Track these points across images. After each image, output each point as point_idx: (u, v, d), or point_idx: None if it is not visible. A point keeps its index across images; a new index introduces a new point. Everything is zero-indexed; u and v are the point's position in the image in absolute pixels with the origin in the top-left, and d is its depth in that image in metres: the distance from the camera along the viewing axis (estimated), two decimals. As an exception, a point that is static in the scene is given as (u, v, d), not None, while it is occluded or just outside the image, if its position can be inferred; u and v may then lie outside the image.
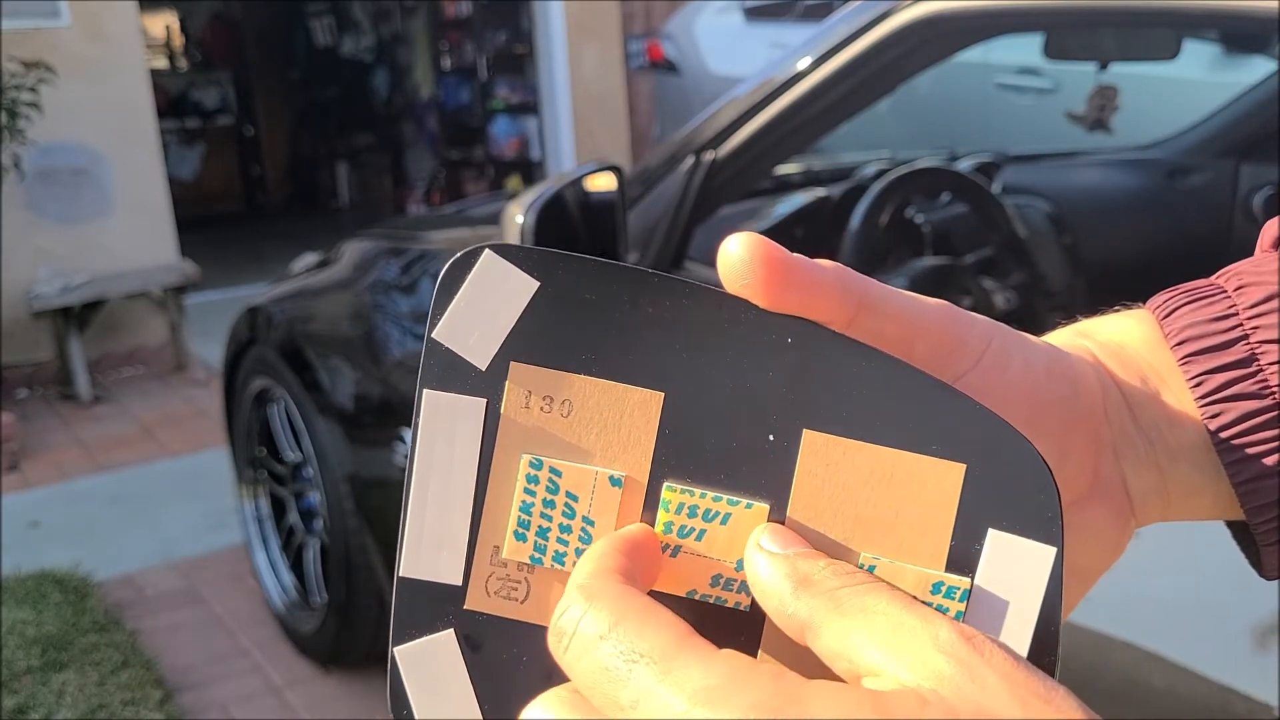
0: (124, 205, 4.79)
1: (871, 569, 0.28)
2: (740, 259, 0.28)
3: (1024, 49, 3.95)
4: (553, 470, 0.29)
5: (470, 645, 0.29)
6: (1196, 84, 3.48)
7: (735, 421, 0.29)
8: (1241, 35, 3.37)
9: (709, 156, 1.64)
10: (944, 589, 0.28)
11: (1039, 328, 0.35)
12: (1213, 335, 0.35)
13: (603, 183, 1.59)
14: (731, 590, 0.29)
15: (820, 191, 2.08)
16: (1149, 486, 0.36)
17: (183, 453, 3.90)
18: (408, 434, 1.91)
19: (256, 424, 2.58)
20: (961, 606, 0.28)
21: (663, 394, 0.29)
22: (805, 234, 1.98)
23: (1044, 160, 2.60)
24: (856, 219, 1.82)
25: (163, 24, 9.28)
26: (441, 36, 7.69)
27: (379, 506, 2.12)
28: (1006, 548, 0.28)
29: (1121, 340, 0.37)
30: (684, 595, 0.29)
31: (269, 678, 2.50)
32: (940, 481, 0.28)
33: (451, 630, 0.29)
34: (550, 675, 0.28)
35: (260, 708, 2.40)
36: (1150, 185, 2.43)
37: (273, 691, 2.46)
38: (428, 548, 0.30)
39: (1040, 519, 0.28)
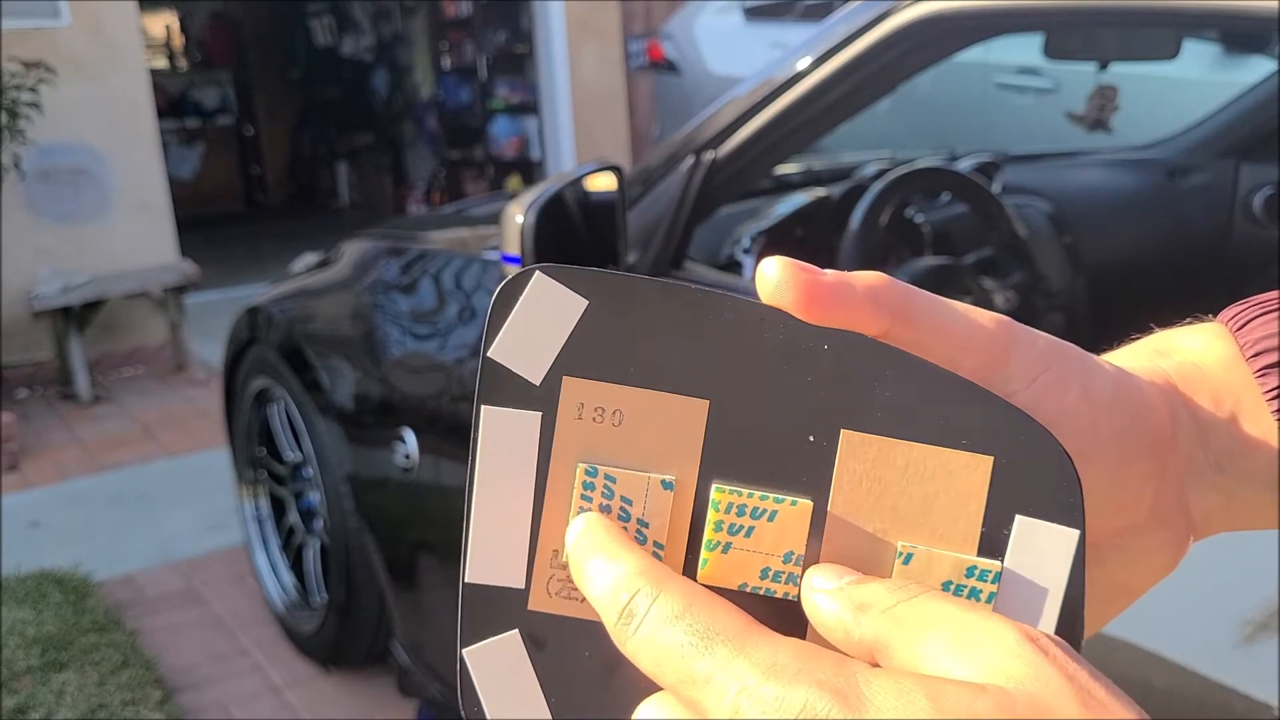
0: (124, 205, 4.79)
1: (909, 557, 0.30)
2: (773, 282, 0.31)
3: (1024, 49, 3.95)
4: (608, 477, 0.31)
5: (535, 644, 0.31)
6: (1196, 84, 3.48)
7: (777, 425, 0.31)
8: (1241, 35, 3.37)
9: (709, 156, 1.64)
10: (977, 572, 0.30)
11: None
12: None
13: (603, 183, 1.59)
14: (780, 582, 0.31)
15: (820, 191, 2.08)
16: (1213, 507, 0.36)
17: (183, 453, 3.90)
18: (408, 434, 1.92)
19: (256, 424, 2.58)
20: (993, 588, 0.30)
21: (708, 401, 0.31)
22: (805, 234, 1.98)
23: (1044, 160, 2.60)
24: (856, 219, 1.82)
25: (163, 24, 9.28)
26: (441, 36, 7.69)
27: (379, 506, 2.12)
28: (1033, 532, 0.30)
29: (1199, 359, 0.36)
30: (735, 589, 0.31)
31: (269, 678, 2.51)
32: (970, 473, 0.31)
33: (516, 631, 0.31)
34: (613, 669, 0.31)
35: (260, 708, 2.40)
36: (1150, 185, 2.43)
37: (273, 691, 2.46)
38: (491, 554, 0.31)
39: (1063, 505, 0.30)
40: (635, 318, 0.31)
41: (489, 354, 0.31)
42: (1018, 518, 0.30)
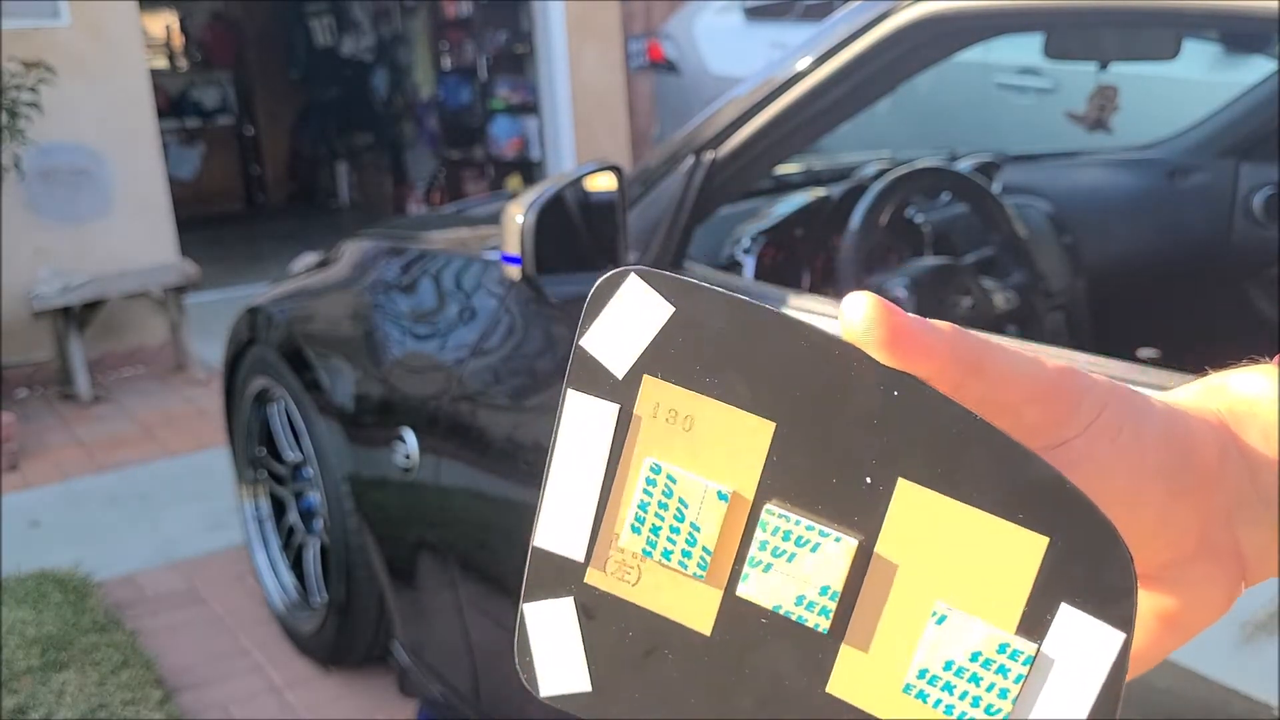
0: (124, 205, 4.79)
1: (944, 619, 0.30)
2: (859, 319, 0.31)
3: (1024, 49, 3.95)
4: (669, 477, 0.32)
5: (585, 614, 0.33)
6: (1196, 84, 3.48)
7: (837, 460, 0.31)
8: (1241, 35, 3.37)
9: (709, 156, 1.64)
10: (1009, 650, 0.30)
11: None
12: None
13: (603, 183, 1.59)
14: (812, 612, 0.31)
15: (820, 191, 2.08)
16: (1262, 544, 0.36)
17: (183, 453, 3.90)
18: (408, 434, 1.91)
19: (256, 424, 2.58)
20: (1024, 670, 0.29)
21: (774, 424, 0.31)
22: (805, 234, 1.98)
23: (1044, 160, 2.60)
24: (856, 219, 1.82)
25: (163, 24, 9.28)
26: (441, 36, 7.69)
27: (379, 506, 2.12)
28: (1077, 624, 0.30)
29: (1251, 398, 0.37)
30: (770, 609, 0.31)
31: (269, 678, 2.51)
32: (1022, 549, 0.30)
33: (571, 599, 0.33)
34: (650, 653, 0.32)
35: (260, 708, 2.40)
36: (1150, 185, 2.43)
37: (273, 691, 2.46)
38: (559, 525, 0.33)
39: (1114, 604, 0.30)
40: (718, 331, 0.32)
41: (580, 342, 0.33)
42: (1063, 605, 0.30)
